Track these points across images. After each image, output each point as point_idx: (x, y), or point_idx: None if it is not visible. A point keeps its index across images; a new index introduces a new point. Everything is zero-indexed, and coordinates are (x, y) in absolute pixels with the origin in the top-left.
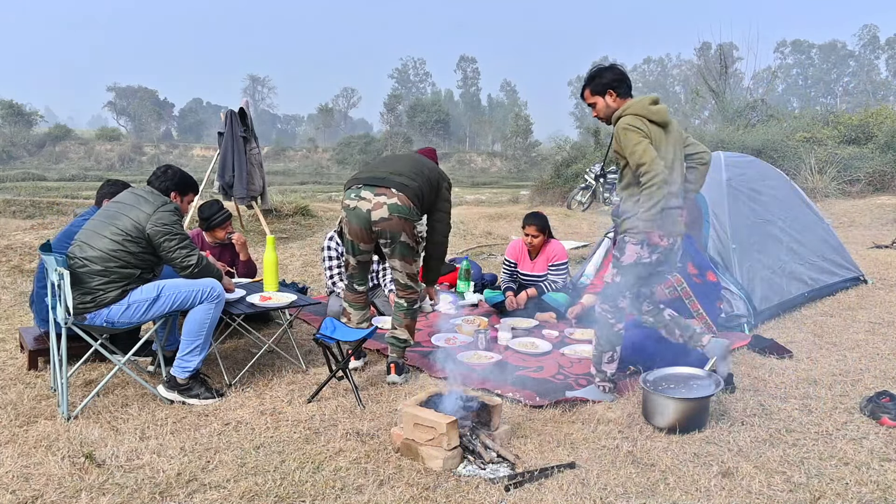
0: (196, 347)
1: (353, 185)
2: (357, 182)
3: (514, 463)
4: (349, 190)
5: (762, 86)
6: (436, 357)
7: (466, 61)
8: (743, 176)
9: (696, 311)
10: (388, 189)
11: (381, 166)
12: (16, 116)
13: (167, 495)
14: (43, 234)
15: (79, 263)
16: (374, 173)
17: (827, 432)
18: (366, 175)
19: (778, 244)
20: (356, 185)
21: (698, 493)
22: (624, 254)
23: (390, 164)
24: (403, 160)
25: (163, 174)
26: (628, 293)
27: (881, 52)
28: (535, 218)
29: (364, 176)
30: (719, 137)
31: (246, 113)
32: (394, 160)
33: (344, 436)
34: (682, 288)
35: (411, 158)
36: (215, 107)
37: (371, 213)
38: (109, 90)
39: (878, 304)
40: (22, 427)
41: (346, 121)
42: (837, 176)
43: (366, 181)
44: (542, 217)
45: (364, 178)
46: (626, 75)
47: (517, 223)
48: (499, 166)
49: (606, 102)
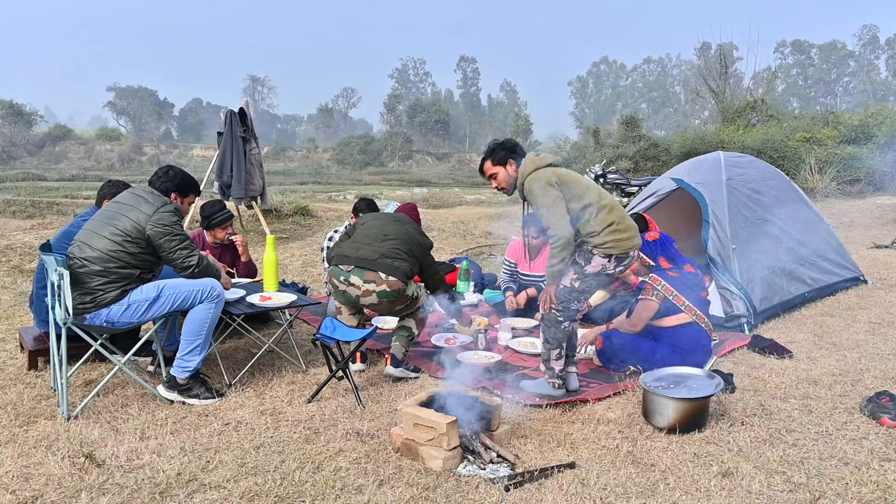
0: (196, 347)
1: (342, 264)
2: (346, 262)
3: (514, 463)
4: (339, 270)
5: (762, 86)
6: (436, 357)
7: (466, 61)
8: (743, 176)
9: (682, 305)
10: (377, 274)
11: (371, 243)
12: (16, 116)
13: (167, 495)
14: (43, 234)
15: (78, 264)
16: (365, 253)
17: (827, 432)
18: (355, 256)
19: (778, 244)
20: (345, 268)
21: (698, 493)
22: (589, 263)
23: (380, 242)
24: (392, 237)
25: (164, 175)
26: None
27: (881, 52)
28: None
29: (353, 257)
30: (719, 137)
31: (246, 113)
32: (382, 236)
33: (344, 436)
34: (661, 286)
35: (399, 233)
36: (215, 107)
37: (360, 299)
38: (109, 90)
39: (878, 304)
40: (22, 427)
41: (346, 121)
42: (837, 176)
43: (356, 263)
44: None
45: (353, 259)
46: (520, 145)
47: (517, 223)
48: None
49: (508, 172)
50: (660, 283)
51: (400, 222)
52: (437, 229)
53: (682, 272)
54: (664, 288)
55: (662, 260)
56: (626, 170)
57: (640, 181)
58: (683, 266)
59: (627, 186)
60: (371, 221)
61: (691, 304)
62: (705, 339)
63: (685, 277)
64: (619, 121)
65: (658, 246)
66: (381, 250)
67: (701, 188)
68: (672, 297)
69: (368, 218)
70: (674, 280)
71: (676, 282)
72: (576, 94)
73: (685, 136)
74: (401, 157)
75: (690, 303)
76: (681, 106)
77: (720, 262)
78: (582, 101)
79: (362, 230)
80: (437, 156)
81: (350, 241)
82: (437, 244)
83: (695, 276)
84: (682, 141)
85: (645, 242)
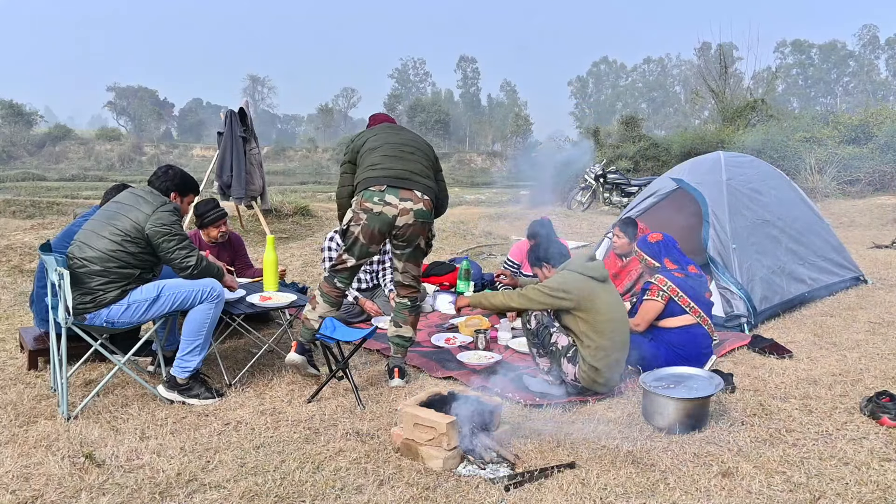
0: (196, 347)
1: (375, 185)
2: (379, 182)
3: (514, 463)
4: (370, 192)
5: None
6: (436, 357)
7: (466, 61)
8: (743, 176)
9: (687, 307)
10: (413, 192)
11: (397, 163)
12: (16, 116)
13: (167, 495)
14: (43, 234)
15: (78, 264)
16: (397, 172)
17: (827, 432)
18: (387, 175)
19: (778, 244)
20: (379, 188)
21: (698, 493)
22: (563, 364)
23: (407, 159)
24: (416, 154)
25: (164, 174)
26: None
27: (881, 52)
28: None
29: (386, 176)
30: (719, 137)
31: (246, 113)
32: (407, 154)
33: (344, 436)
34: (668, 287)
35: (420, 149)
36: (215, 107)
37: (397, 219)
38: (109, 90)
39: (878, 304)
40: (22, 427)
41: (346, 121)
42: (837, 176)
43: (390, 183)
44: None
45: (387, 178)
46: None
47: (517, 223)
48: (499, 166)
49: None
50: (666, 283)
51: (412, 133)
52: (437, 229)
53: (686, 273)
54: (670, 289)
55: (667, 261)
56: (626, 170)
57: (640, 181)
58: (687, 267)
59: (627, 186)
60: (383, 134)
61: (696, 305)
62: (707, 340)
63: (690, 278)
64: (619, 121)
65: (662, 247)
66: (411, 167)
67: (701, 188)
68: (678, 297)
69: (379, 131)
70: (679, 281)
71: (682, 283)
72: (576, 94)
73: (685, 136)
74: None
75: (695, 304)
76: (681, 106)
77: (720, 262)
78: (582, 101)
79: (380, 145)
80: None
81: (370, 161)
82: (437, 244)
83: (699, 278)
84: (682, 141)
85: (648, 244)
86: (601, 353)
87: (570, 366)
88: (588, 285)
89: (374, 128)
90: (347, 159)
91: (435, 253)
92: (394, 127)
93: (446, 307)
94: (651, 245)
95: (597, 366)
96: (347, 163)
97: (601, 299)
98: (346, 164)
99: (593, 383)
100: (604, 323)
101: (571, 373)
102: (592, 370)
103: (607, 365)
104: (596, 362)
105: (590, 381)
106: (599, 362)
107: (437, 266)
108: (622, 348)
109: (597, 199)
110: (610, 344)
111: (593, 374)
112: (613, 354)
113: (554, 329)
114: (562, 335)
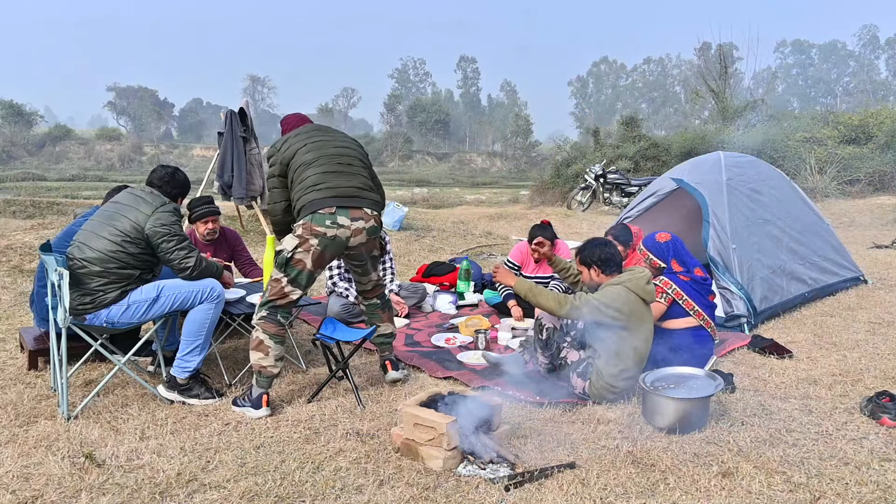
0: (196, 347)
1: (324, 208)
2: (328, 205)
3: (514, 463)
4: (320, 216)
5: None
6: (436, 357)
7: (466, 61)
8: (743, 176)
9: (691, 310)
10: (363, 211)
11: (341, 180)
12: (16, 116)
13: (167, 495)
14: (43, 234)
15: (78, 264)
16: (344, 191)
17: (827, 432)
18: (335, 195)
19: (778, 244)
20: (329, 210)
21: (698, 493)
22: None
23: (348, 173)
24: (354, 164)
25: (171, 178)
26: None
27: (881, 52)
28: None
29: (334, 196)
30: (719, 137)
31: (246, 113)
32: (346, 167)
33: (344, 436)
34: (672, 290)
35: (355, 156)
36: (215, 107)
37: (350, 240)
38: (109, 90)
39: (878, 304)
40: (22, 427)
41: (346, 121)
42: (837, 176)
43: (339, 204)
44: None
45: (335, 198)
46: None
47: (517, 223)
48: (499, 166)
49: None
50: (670, 286)
51: (338, 133)
52: (437, 229)
53: (692, 276)
54: (674, 292)
55: (674, 263)
56: (626, 170)
57: (640, 181)
58: (694, 269)
59: (627, 186)
60: (311, 142)
61: (700, 308)
62: (709, 343)
63: (695, 282)
64: (619, 121)
65: (670, 248)
66: (355, 183)
67: (701, 188)
68: (682, 301)
69: (306, 139)
70: (684, 284)
71: (687, 286)
72: (576, 94)
73: (685, 136)
74: (401, 157)
75: (699, 307)
76: (681, 106)
77: (720, 262)
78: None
79: (315, 158)
80: (437, 156)
81: (311, 180)
82: (437, 244)
83: (704, 281)
84: (682, 141)
85: (656, 245)
86: (625, 374)
87: (579, 380)
88: (640, 309)
89: (298, 134)
90: (276, 172)
91: (435, 253)
92: (318, 130)
93: (446, 307)
94: (659, 245)
95: (616, 385)
96: (277, 177)
97: (646, 326)
98: (275, 178)
99: (602, 398)
100: (637, 348)
101: (581, 387)
102: (608, 388)
103: (625, 385)
104: (616, 382)
105: (600, 396)
106: (620, 382)
107: (437, 266)
108: (641, 369)
109: (597, 199)
110: (634, 367)
111: (607, 391)
112: (634, 375)
113: (565, 344)
114: (573, 351)
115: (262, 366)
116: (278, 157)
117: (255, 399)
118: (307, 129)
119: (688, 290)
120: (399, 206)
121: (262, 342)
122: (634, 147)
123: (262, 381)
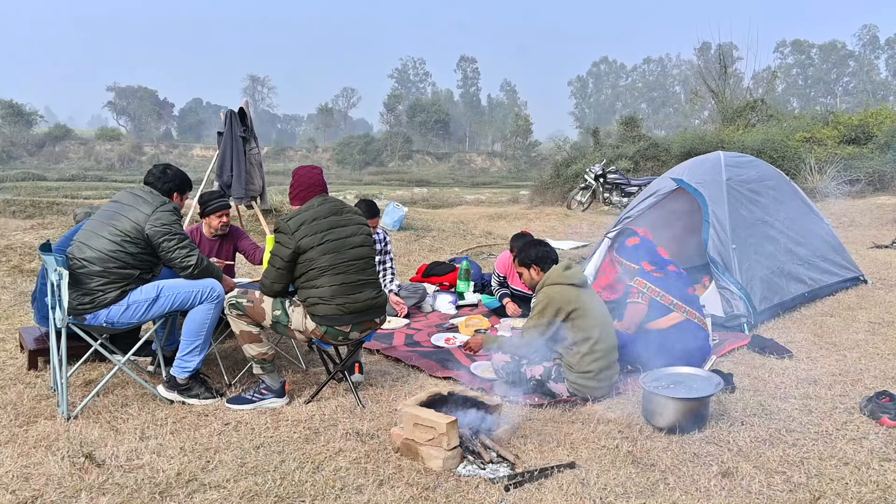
0: (196, 347)
1: (340, 325)
2: (344, 323)
3: (514, 463)
4: (335, 331)
5: (762, 86)
6: (436, 357)
7: (466, 61)
8: (743, 176)
9: (671, 304)
10: (373, 322)
11: (357, 292)
12: (16, 116)
13: (167, 495)
14: (43, 234)
15: (78, 264)
16: (359, 307)
17: (827, 432)
18: (351, 311)
19: (777, 244)
20: (344, 329)
21: (698, 493)
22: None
23: (364, 283)
24: (368, 268)
25: (162, 174)
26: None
27: (881, 52)
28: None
29: (350, 312)
30: (719, 137)
31: (246, 113)
32: (360, 273)
33: (344, 436)
34: (647, 289)
35: (369, 255)
36: (215, 107)
37: (351, 342)
38: (109, 90)
39: (878, 304)
40: (22, 427)
41: (346, 121)
42: (837, 176)
43: (354, 320)
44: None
45: (351, 315)
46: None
47: (517, 223)
48: (499, 166)
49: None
50: (645, 285)
51: (349, 216)
52: (437, 229)
53: (666, 272)
54: (650, 290)
55: (645, 264)
56: (626, 170)
57: (640, 181)
58: (667, 266)
59: (627, 186)
60: (324, 231)
61: (679, 301)
62: (701, 332)
63: (669, 277)
64: (619, 121)
65: (641, 250)
66: (368, 293)
67: (701, 188)
68: (659, 297)
69: (318, 227)
70: (658, 280)
71: (661, 282)
72: (576, 94)
73: (685, 136)
74: (401, 157)
75: (678, 300)
76: (681, 106)
77: (720, 262)
78: (582, 101)
79: (332, 264)
80: (437, 156)
81: (325, 290)
82: (437, 244)
83: (678, 275)
84: (682, 141)
85: (626, 249)
86: (590, 356)
87: (559, 385)
88: (571, 292)
89: (315, 219)
90: (286, 258)
91: (435, 253)
92: (334, 215)
93: (446, 307)
94: (628, 249)
95: (588, 369)
96: (286, 261)
97: (585, 303)
98: (281, 261)
99: (590, 390)
100: (591, 325)
101: (563, 392)
102: (583, 376)
103: (598, 368)
104: (587, 366)
105: (587, 389)
106: (591, 365)
107: (437, 266)
108: (611, 350)
109: (597, 199)
110: (600, 346)
111: (585, 380)
112: (603, 357)
113: (523, 366)
114: (534, 366)
115: (261, 353)
116: (292, 242)
117: (277, 389)
118: (323, 212)
119: (662, 285)
120: (399, 206)
121: (249, 332)
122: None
123: (268, 366)
